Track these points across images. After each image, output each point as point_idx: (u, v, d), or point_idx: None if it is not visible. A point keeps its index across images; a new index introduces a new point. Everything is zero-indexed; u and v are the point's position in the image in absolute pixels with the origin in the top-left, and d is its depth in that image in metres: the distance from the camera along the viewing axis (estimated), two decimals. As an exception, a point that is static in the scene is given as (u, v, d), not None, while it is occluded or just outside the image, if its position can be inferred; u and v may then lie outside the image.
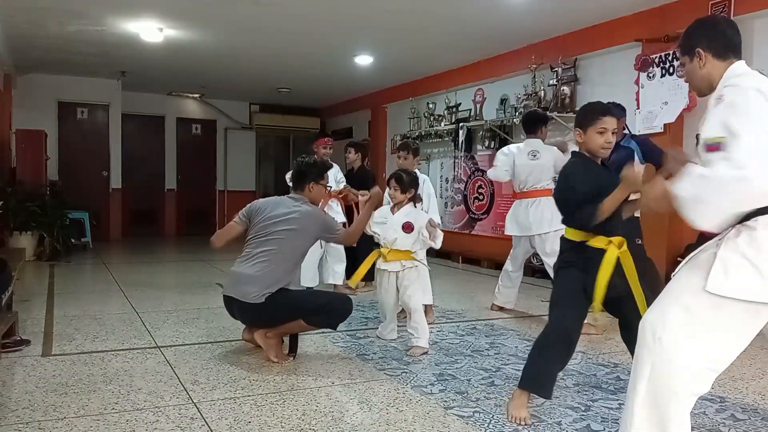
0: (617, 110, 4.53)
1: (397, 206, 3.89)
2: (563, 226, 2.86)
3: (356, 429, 2.57)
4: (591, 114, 2.73)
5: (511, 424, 2.62)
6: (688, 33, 2.08)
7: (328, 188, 3.93)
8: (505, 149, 5.07)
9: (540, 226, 4.74)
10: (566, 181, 2.82)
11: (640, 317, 2.55)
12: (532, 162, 4.80)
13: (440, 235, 3.80)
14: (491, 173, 5.13)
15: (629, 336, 2.80)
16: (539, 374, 2.70)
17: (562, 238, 2.79)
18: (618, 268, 2.62)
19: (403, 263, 3.81)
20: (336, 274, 5.69)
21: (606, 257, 2.58)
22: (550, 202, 4.30)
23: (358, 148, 6.25)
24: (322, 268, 5.71)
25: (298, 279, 3.93)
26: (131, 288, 5.89)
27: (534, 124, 4.94)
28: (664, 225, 5.44)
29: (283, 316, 3.43)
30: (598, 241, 2.63)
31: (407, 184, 3.84)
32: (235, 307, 3.51)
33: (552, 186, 4.70)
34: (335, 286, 5.67)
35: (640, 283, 2.63)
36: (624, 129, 4.84)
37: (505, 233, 5.16)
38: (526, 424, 2.63)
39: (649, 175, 2.17)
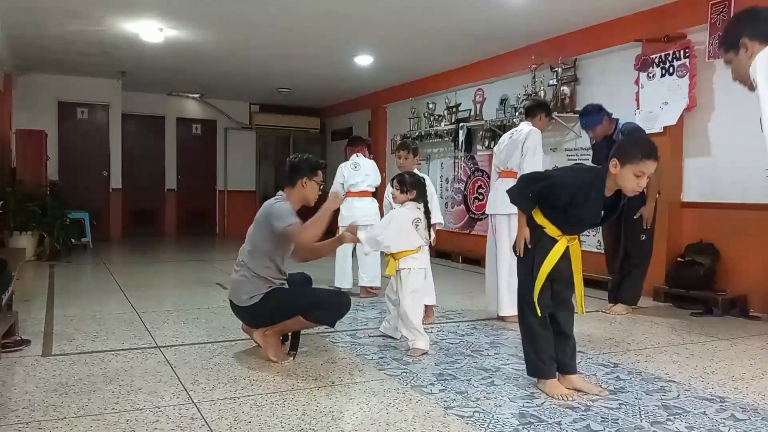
0: (594, 118, 4.98)
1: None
2: (513, 210, 3.07)
3: (356, 429, 2.57)
4: (635, 151, 2.57)
5: (510, 424, 2.62)
6: (729, 28, 2.06)
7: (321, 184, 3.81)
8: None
9: (494, 206, 4.72)
10: (559, 176, 2.85)
11: (569, 310, 3.00)
12: (507, 141, 4.77)
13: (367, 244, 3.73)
14: None
15: (554, 327, 3.02)
16: (536, 360, 3.00)
17: None
18: (565, 253, 2.90)
19: (399, 265, 3.78)
20: (360, 277, 5.70)
21: (555, 247, 2.85)
22: (508, 183, 4.10)
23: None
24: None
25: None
26: (131, 288, 5.89)
27: (532, 109, 4.80)
28: (665, 225, 5.44)
29: (281, 314, 3.45)
30: (552, 231, 2.86)
31: (409, 185, 3.85)
32: (235, 311, 3.62)
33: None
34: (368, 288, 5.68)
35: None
36: (615, 129, 5.02)
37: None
38: (570, 399, 2.88)
39: None
